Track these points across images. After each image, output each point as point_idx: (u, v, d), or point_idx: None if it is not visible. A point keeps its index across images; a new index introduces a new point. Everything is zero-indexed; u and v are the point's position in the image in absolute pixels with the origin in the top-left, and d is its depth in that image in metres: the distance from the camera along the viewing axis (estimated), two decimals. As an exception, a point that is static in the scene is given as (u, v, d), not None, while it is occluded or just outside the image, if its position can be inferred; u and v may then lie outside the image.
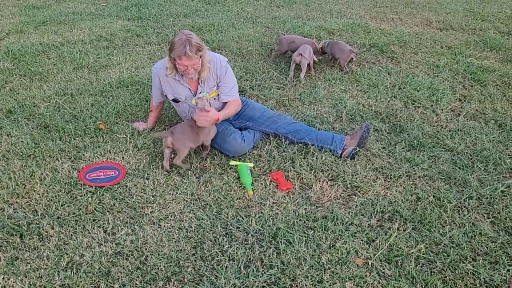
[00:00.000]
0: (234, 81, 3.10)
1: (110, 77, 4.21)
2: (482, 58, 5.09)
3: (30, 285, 2.03)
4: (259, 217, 2.49)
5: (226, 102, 3.12)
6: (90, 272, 2.10)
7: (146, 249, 2.25)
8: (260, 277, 2.09)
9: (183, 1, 7.49)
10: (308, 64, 4.32)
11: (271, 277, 2.10)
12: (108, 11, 6.62)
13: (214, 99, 3.08)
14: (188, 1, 7.52)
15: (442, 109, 3.79)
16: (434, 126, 3.53)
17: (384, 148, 3.21)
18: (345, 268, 2.15)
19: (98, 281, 2.05)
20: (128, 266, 2.14)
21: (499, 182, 2.84)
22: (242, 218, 2.48)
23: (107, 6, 6.95)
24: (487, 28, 6.33)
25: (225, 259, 2.19)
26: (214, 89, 3.06)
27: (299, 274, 2.11)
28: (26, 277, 2.07)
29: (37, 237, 2.31)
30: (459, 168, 2.99)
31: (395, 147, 3.20)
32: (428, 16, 6.97)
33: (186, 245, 2.28)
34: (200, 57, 2.78)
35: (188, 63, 2.75)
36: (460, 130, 3.47)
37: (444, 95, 4.02)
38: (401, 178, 2.86)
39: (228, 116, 3.12)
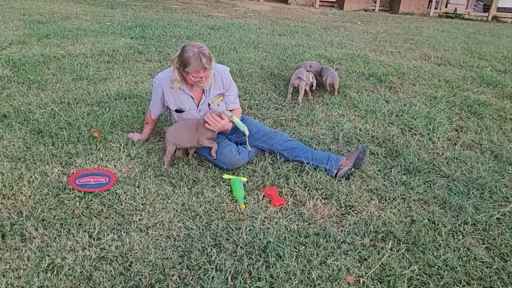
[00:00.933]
0: (236, 90, 3.24)
1: (109, 89, 4.21)
2: (479, 92, 5.14)
3: (8, 284, 1.94)
4: (249, 230, 2.43)
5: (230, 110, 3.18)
6: (71, 275, 2.01)
7: (131, 255, 2.17)
8: (248, 289, 2.02)
9: (187, 25, 7.62)
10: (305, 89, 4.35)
11: (259, 290, 2.02)
12: (112, 30, 6.71)
13: (218, 105, 3.10)
14: (192, 25, 7.66)
15: (438, 138, 3.79)
16: (430, 153, 3.52)
17: (379, 171, 3.18)
18: (336, 285, 2.08)
19: (79, 285, 1.97)
20: (111, 271, 2.06)
21: (494, 210, 2.80)
22: (233, 230, 2.42)
23: (112, 25, 7.05)
24: (484, 66, 6.43)
25: (212, 269, 2.12)
26: (217, 96, 3.11)
27: (288, 289, 2.04)
28: (4, 276, 1.98)
29: (20, 238, 2.23)
30: (455, 194, 2.96)
31: (391, 171, 3.17)
32: (427, 51, 7.10)
33: (173, 254, 2.21)
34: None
35: (204, 74, 2.80)
36: (456, 158, 3.45)
37: (440, 124, 4.03)
38: (396, 200, 2.82)
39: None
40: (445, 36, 8.95)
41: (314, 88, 4.51)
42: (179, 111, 3.08)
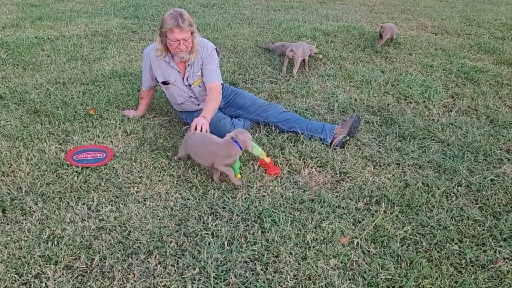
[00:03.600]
0: (216, 64, 3.05)
1: (103, 69, 4.22)
2: (476, 59, 5.11)
3: (10, 255, 2.00)
4: (245, 198, 2.47)
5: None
6: (71, 245, 2.07)
7: (129, 225, 2.22)
8: (244, 252, 2.07)
9: (181, 4, 7.54)
10: (304, 60, 4.35)
11: (254, 253, 2.07)
12: (106, 10, 6.65)
13: (200, 86, 3.08)
14: (185, 4, 7.57)
15: (434, 105, 3.80)
16: (425, 120, 3.53)
17: (374, 138, 3.20)
18: (330, 247, 2.13)
19: (79, 253, 2.02)
20: (110, 240, 2.11)
21: (488, 171, 2.83)
22: (228, 199, 2.46)
23: (105, 6, 6.99)
24: (482, 34, 6.36)
25: (209, 235, 2.17)
26: (199, 75, 3.06)
27: (283, 251, 2.08)
28: (5, 247, 2.04)
29: (20, 212, 2.28)
30: (449, 158, 2.98)
31: (386, 138, 3.19)
32: (424, 21, 7.02)
33: (170, 222, 2.26)
34: (192, 33, 2.78)
35: (180, 36, 2.73)
36: (452, 124, 3.47)
37: (436, 92, 4.02)
38: (390, 166, 2.85)
39: (214, 109, 2.91)
40: (443, 5, 8.83)
41: (311, 56, 4.53)
42: (165, 83, 3.09)
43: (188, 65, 3.00)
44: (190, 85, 3.07)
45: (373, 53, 5.10)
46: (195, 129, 2.65)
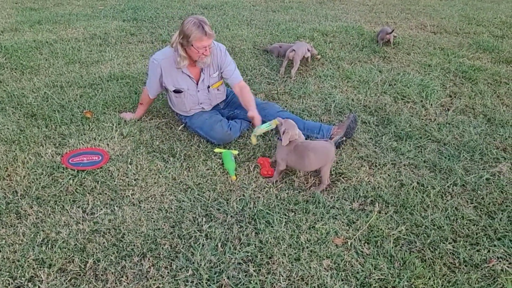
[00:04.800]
0: (234, 63, 3.17)
1: (101, 72, 4.23)
2: (475, 58, 5.10)
3: (4, 258, 2.01)
4: (240, 200, 2.48)
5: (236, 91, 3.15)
6: (65, 248, 2.08)
7: (124, 227, 2.23)
8: (237, 254, 2.07)
9: (180, 6, 7.56)
10: (304, 57, 4.38)
11: (248, 254, 2.08)
12: (105, 13, 6.68)
13: (218, 90, 3.10)
14: (184, 6, 7.59)
15: (431, 104, 3.79)
16: (422, 119, 3.53)
17: (371, 138, 3.20)
18: (324, 247, 2.13)
19: (73, 256, 2.03)
20: (104, 243, 2.12)
21: (484, 170, 2.82)
22: (223, 200, 2.47)
23: (104, 9, 7.01)
24: (481, 32, 6.35)
25: (203, 237, 2.17)
26: (215, 77, 3.09)
27: (276, 252, 2.09)
28: (0, 251, 2.05)
29: (15, 215, 2.29)
30: (445, 157, 2.98)
31: (382, 138, 3.19)
32: (423, 20, 7.01)
33: (164, 225, 2.26)
34: None
35: (207, 43, 2.77)
36: (449, 123, 3.46)
37: (434, 91, 4.02)
38: (386, 166, 2.85)
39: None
40: (442, 4, 8.82)
41: (311, 57, 4.55)
42: (177, 91, 3.06)
43: (204, 69, 3.01)
44: (209, 87, 3.08)
45: (371, 53, 5.10)
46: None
